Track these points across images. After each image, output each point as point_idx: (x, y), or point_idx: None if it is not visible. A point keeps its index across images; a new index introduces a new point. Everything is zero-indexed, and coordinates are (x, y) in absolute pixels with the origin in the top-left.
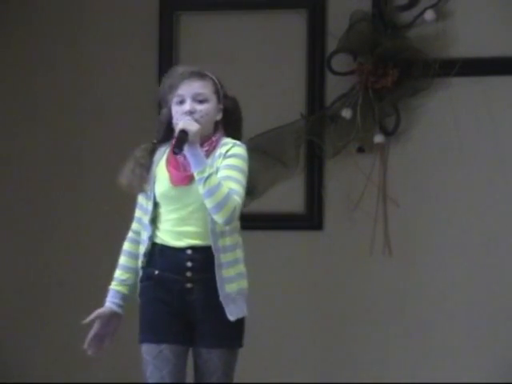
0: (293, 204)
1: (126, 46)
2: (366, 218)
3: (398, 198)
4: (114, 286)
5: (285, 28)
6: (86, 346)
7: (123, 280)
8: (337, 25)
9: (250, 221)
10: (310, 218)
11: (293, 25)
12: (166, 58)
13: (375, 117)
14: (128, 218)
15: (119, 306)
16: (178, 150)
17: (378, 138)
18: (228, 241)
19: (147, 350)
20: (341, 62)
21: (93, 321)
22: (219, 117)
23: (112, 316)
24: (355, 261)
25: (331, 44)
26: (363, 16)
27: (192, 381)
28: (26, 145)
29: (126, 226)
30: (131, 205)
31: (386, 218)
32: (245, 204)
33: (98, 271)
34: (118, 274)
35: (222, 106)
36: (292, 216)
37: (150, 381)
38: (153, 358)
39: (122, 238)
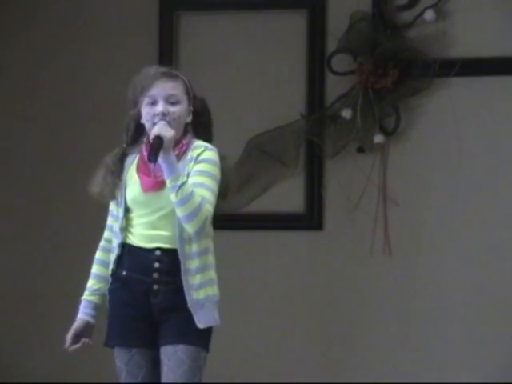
0: (293, 204)
1: (125, 46)
2: (366, 217)
3: (398, 198)
4: (86, 296)
5: (285, 28)
6: (69, 349)
7: (96, 290)
8: (337, 25)
9: (250, 221)
10: (310, 218)
11: (293, 25)
12: (166, 58)
13: (375, 117)
14: None
15: (92, 316)
16: (153, 158)
17: (378, 138)
18: (195, 247)
19: (118, 356)
20: (341, 62)
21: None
22: (189, 119)
23: (85, 327)
24: (355, 261)
25: (331, 44)
26: (363, 16)
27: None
28: (26, 145)
29: None
30: None
31: (386, 218)
32: (219, 206)
33: None
34: (91, 283)
35: (192, 108)
36: (292, 216)
37: None
38: (124, 364)
39: None
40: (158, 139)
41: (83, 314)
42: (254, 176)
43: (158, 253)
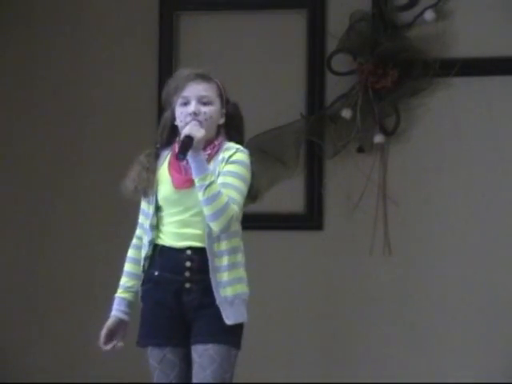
0: (293, 204)
1: (125, 46)
2: (366, 217)
3: (398, 198)
4: (119, 294)
5: (285, 28)
6: (103, 349)
7: (129, 287)
8: (337, 25)
9: (250, 221)
10: (310, 218)
11: (293, 25)
12: (166, 58)
13: (375, 117)
14: (128, 218)
15: (125, 313)
16: (182, 156)
17: (378, 138)
18: (224, 245)
19: (151, 355)
20: (341, 62)
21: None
22: (222, 121)
23: (119, 324)
24: (355, 261)
25: (331, 44)
26: (363, 16)
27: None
28: (26, 145)
29: (126, 227)
30: (131, 205)
31: (386, 218)
32: (245, 205)
33: (98, 271)
34: (124, 281)
35: (224, 111)
36: (292, 216)
37: None
38: (157, 362)
39: (122, 238)
40: (188, 138)
41: (116, 311)
42: (257, 180)
43: (189, 252)
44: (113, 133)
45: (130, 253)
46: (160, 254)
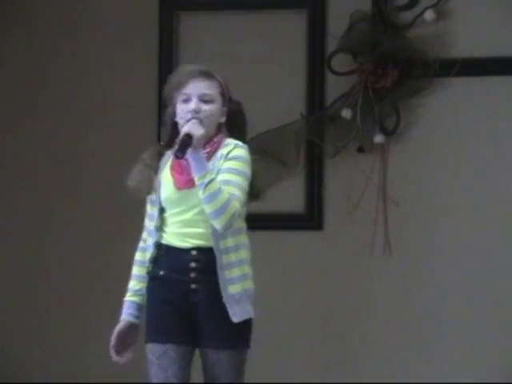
0: (293, 204)
1: (126, 46)
2: (366, 217)
3: (398, 198)
4: (128, 297)
5: (285, 28)
6: (114, 359)
7: (137, 290)
8: (337, 25)
9: (250, 221)
10: (310, 218)
11: (293, 25)
12: (166, 58)
13: (375, 117)
14: (128, 218)
15: (136, 316)
16: (180, 153)
17: (378, 138)
18: (230, 242)
19: (152, 350)
20: (341, 62)
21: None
22: (223, 119)
23: (130, 328)
24: (355, 261)
25: (331, 44)
26: (363, 16)
27: (198, 381)
28: (26, 145)
29: (126, 227)
30: (131, 205)
31: (386, 217)
32: (248, 203)
33: (97, 271)
34: (132, 284)
35: (226, 109)
36: (292, 216)
37: (154, 381)
38: (157, 358)
39: (122, 238)
40: (188, 136)
41: (126, 315)
42: (258, 177)
43: (194, 252)
44: (113, 133)
45: (137, 256)
46: (165, 255)
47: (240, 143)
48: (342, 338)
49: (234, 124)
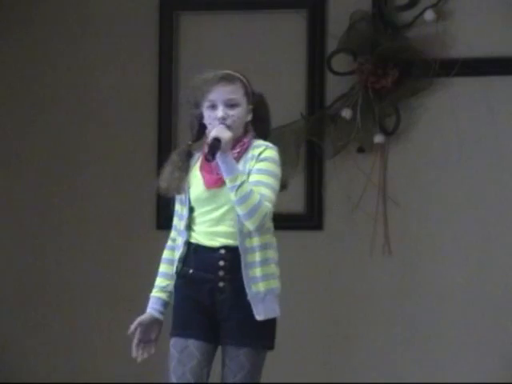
0: (293, 204)
1: (126, 46)
2: (366, 218)
3: (398, 198)
4: (154, 293)
5: (285, 28)
6: (134, 354)
7: (163, 287)
8: (337, 25)
9: None
10: (310, 218)
11: (293, 25)
12: (166, 58)
13: (375, 117)
14: (129, 218)
15: (160, 312)
16: (210, 157)
17: (378, 138)
18: (256, 241)
19: (174, 344)
20: (341, 62)
21: (135, 329)
22: (249, 117)
23: (153, 323)
24: (355, 261)
25: (331, 44)
26: (363, 16)
27: (219, 380)
28: (26, 145)
29: (127, 226)
30: (131, 205)
31: (386, 218)
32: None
33: (98, 271)
34: (159, 281)
35: (251, 107)
36: (292, 216)
37: (172, 374)
38: (178, 352)
39: (122, 238)
40: (216, 140)
41: (151, 309)
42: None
43: (222, 251)
44: (113, 133)
45: (165, 254)
46: (194, 253)
47: (270, 144)
48: (341, 337)
49: (257, 116)
